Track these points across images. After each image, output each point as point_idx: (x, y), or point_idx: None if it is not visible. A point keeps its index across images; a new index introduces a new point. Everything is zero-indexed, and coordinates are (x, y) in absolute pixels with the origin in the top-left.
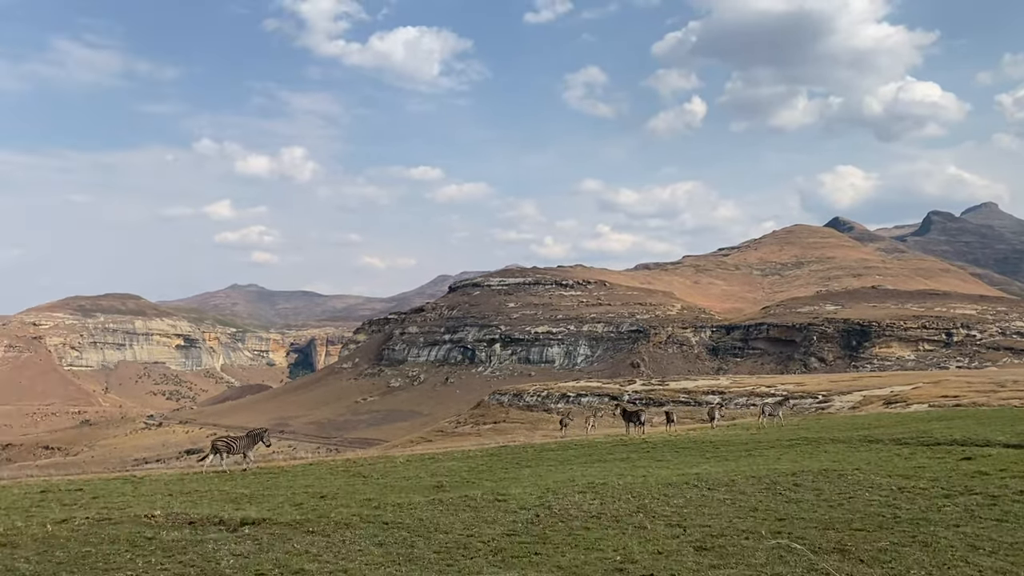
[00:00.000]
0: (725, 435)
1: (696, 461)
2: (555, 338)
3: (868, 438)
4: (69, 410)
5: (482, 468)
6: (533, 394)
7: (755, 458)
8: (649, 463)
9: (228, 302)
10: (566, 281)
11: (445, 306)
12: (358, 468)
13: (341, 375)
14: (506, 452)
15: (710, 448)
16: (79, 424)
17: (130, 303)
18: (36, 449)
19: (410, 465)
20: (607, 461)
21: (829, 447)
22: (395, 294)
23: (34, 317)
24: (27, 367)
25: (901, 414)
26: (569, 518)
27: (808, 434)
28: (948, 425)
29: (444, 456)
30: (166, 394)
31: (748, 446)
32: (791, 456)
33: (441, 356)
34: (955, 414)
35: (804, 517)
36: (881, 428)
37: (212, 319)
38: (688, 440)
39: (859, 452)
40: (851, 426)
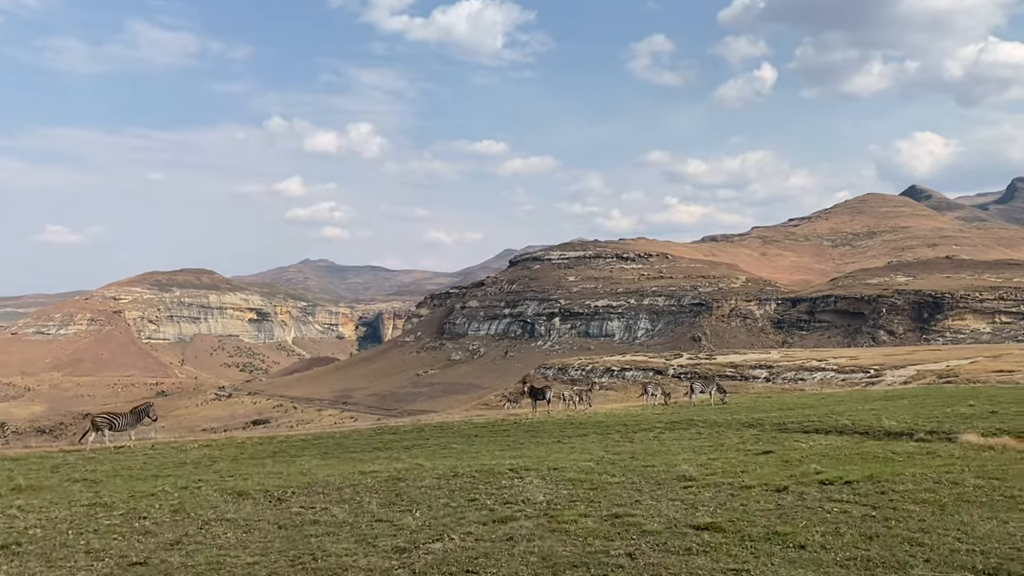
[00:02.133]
0: (635, 414)
1: (458, 451)
2: (615, 312)
3: (766, 422)
4: (147, 381)
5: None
6: (578, 368)
7: (543, 447)
8: (422, 454)
9: (300, 277)
10: (627, 254)
11: (505, 280)
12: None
13: (404, 348)
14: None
15: (571, 429)
16: (155, 395)
17: (204, 278)
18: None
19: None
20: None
21: (667, 435)
22: (461, 268)
23: (114, 292)
24: (108, 340)
25: (868, 392)
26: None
27: (716, 416)
28: (898, 406)
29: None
30: (239, 366)
31: (599, 428)
32: (590, 443)
33: (501, 330)
34: (938, 392)
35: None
36: (810, 409)
37: (284, 293)
38: (579, 420)
39: (682, 440)
40: (784, 406)
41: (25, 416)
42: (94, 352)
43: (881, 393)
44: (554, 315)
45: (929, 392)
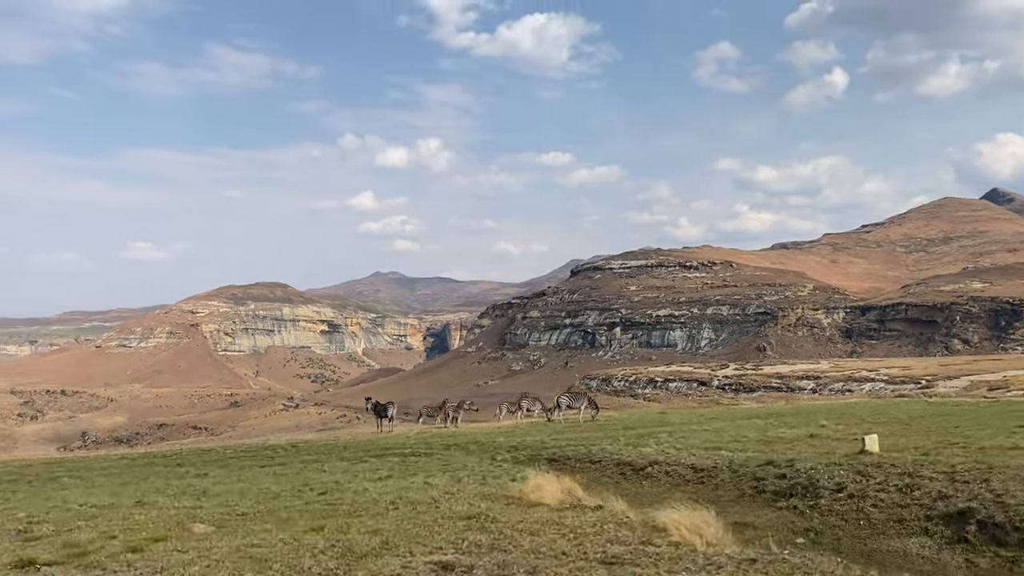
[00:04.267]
0: (446, 432)
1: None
2: (677, 321)
3: (523, 447)
4: (222, 392)
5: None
6: (621, 379)
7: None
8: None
9: (371, 289)
10: (690, 263)
11: (566, 290)
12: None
13: (466, 359)
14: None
15: (392, 451)
16: (228, 406)
17: (278, 291)
18: (186, 428)
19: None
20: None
21: (361, 465)
22: (528, 279)
23: (192, 305)
24: (186, 352)
25: (801, 406)
26: None
27: (505, 438)
28: (752, 425)
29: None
30: (311, 377)
31: (405, 448)
32: (311, 472)
33: (562, 340)
34: (891, 408)
35: None
36: (643, 428)
37: (354, 305)
38: (387, 443)
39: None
40: (645, 422)
41: (107, 426)
42: (173, 364)
43: (791, 409)
44: (615, 325)
45: (851, 409)
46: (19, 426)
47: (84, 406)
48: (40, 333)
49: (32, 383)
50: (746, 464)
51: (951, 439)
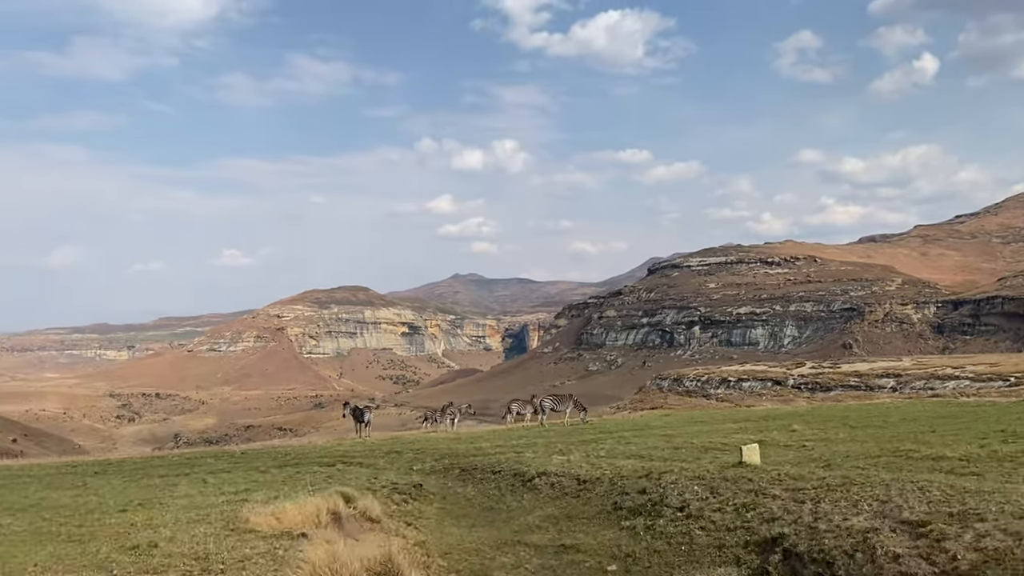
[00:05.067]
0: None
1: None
2: (759, 319)
3: (405, 452)
4: (307, 394)
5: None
6: (693, 379)
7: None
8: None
9: (450, 291)
10: (772, 258)
11: (643, 289)
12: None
13: (542, 359)
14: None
15: (326, 459)
16: (312, 407)
17: (360, 294)
18: (272, 429)
19: None
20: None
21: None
22: (606, 278)
23: (278, 310)
24: (272, 355)
25: (806, 409)
26: None
27: (426, 445)
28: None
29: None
30: (393, 378)
31: (364, 454)
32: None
33: (639, 339)
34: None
35: None
36: (607, 436)
37: (433, 307)
38: (393, 442)
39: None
40: (624, 426)
41: (198, 428)
42: (260, 367)
43: (761, 413)
44: (694, 323)
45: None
46: (118, 428)
47: (177, 408)
48: (137, 339)
49: (130, 386)
50: (627, 477)
51: (906, 447)
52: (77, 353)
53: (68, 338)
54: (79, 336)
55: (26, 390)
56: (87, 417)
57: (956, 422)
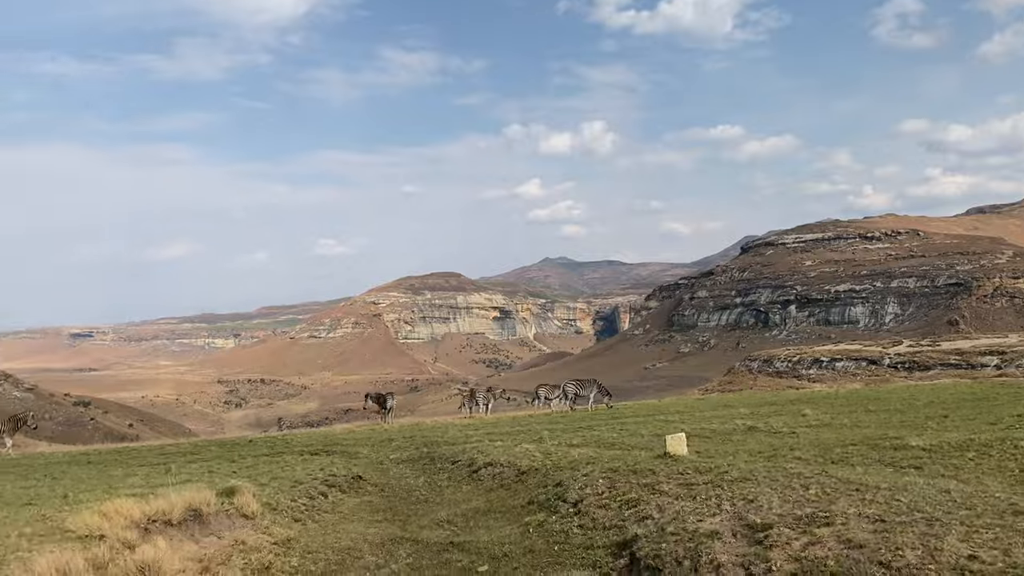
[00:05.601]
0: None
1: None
2: (858, 296)
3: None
4: (404, 378)
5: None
6: (784, 360)
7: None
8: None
9: (541, 275)
10: (872, 233)
11: (736, 268)
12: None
13: (632, 341)
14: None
15: (329, 446)
16: (409, 391)
17: (452, 280)
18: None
19: None
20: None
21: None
22: (699, 258)
23: (374, 297)
24: (370, 341)
25: (795, 395)
26: None
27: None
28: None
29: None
30: (485, 362)
31: (336, 443)
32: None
33: (732, 320)
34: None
35: None
36: (613, 422)
37: (524, 291)
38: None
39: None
40: (651, 411)
41: (300, 412)
42: (358, 352)
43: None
44: (789, 303)
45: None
46: (226, 412)
47: (280, 393)
48: (242, 327)
49: (236, 373)
50: (562, 468)
51: (893, 434)
52: (187, 342)
53: (179, 328)
54: (189, 326)
55: (142, 377)
56: (197, 403)
57: (983, 405)
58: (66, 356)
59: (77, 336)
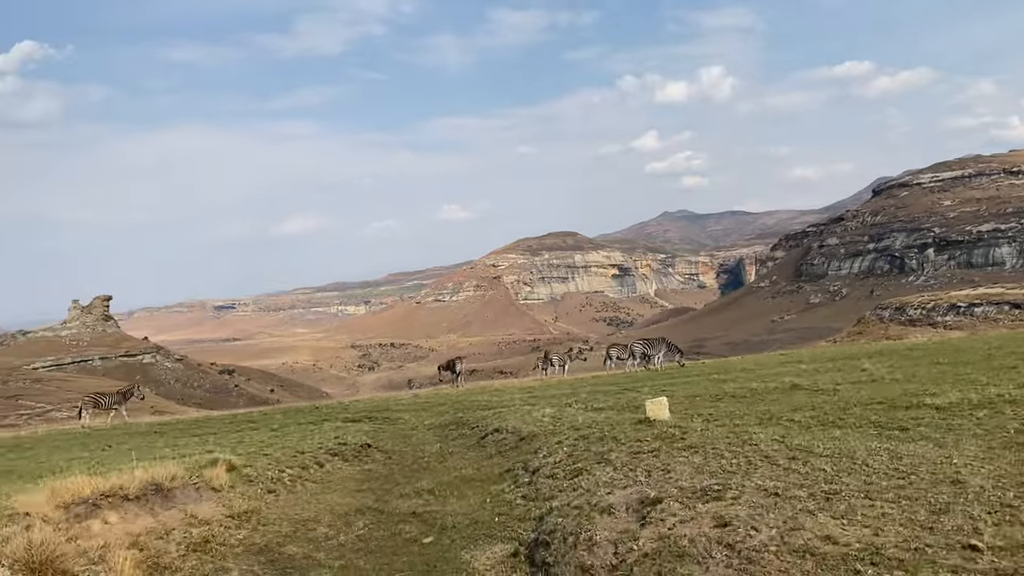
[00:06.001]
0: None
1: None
2: (1004, 236)
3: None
4: (526, 339)
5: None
6: (917, 306)
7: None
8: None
9: (660, 230)
10: (1018, 167)
11: (868, 212)
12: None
13: (758, 294)
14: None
15: (371, 413)
16: (530, 351)
17: (569, 240)
18: (493, 373)
19: None
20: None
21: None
22: (830, 203)
23: (493, 259)
24: (491, 303)
25: (923, 344)
26: None
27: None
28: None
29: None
30: (606, 320)
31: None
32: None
33: (865, 267)
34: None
35: None
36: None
37: (643, 247)
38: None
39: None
40: (717, 369)
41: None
42: (481, 314)
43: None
44: (927, 246)
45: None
46: (360, 376)
47: (409, 356)
48: (372, 294)
49: (367, 338)
50: (551, 434)
51: (934, 390)
52: (321, 310)
53: (313, 297)
54: (322, 295)
55: (281, 345)
56: (333, 367)
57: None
58: (212, 327)
59: (221, 308)
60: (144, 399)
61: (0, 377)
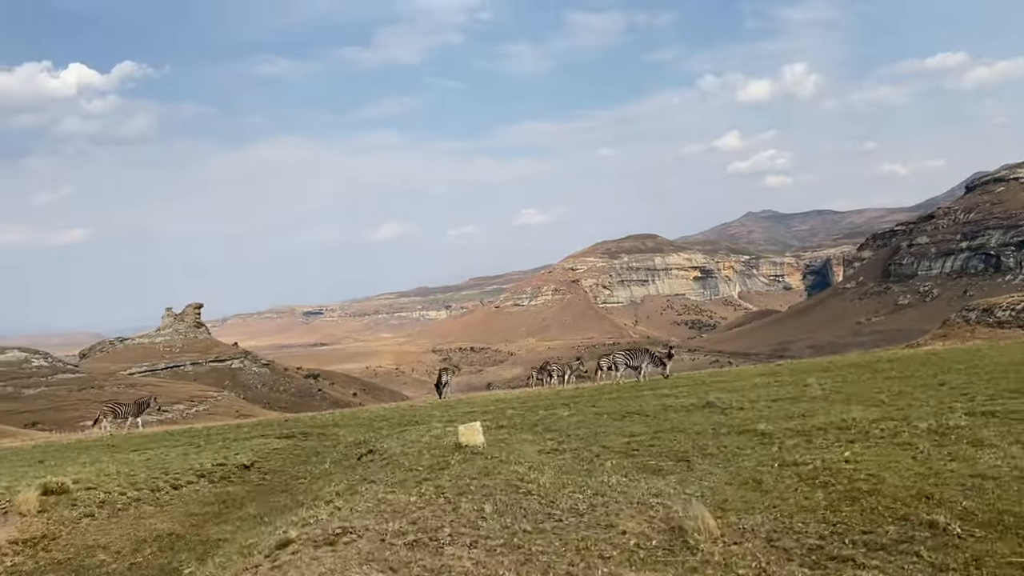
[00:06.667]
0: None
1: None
2: None
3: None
4: (605, 342)
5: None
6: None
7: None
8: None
9: (743, 231)
10: None
11: (960, 209)
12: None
13: (844, 295)
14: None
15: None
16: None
17: (649, 242)
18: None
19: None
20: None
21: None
22: (922, 200)
23: (571, 263)
24: (569, 307)
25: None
26: None
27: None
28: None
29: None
30: (688, 323)
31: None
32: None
33: (957, 267)
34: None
35: None
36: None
37: (725, 249)
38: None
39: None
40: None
41: (507, 377)
42: (559, 318)
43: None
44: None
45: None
46: None
47: (489, 360)
48: (453, 298)
49: (448, 342)
50: (431, 447)
51: (792, 411)
52: (404, 315)
53: (396, 302)
54: (405, 300)
55: (365, 350)
56: (415, 371)
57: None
58: (300, 333)
59: (309, 314)
60: (160, 409)
61: (97, 382)
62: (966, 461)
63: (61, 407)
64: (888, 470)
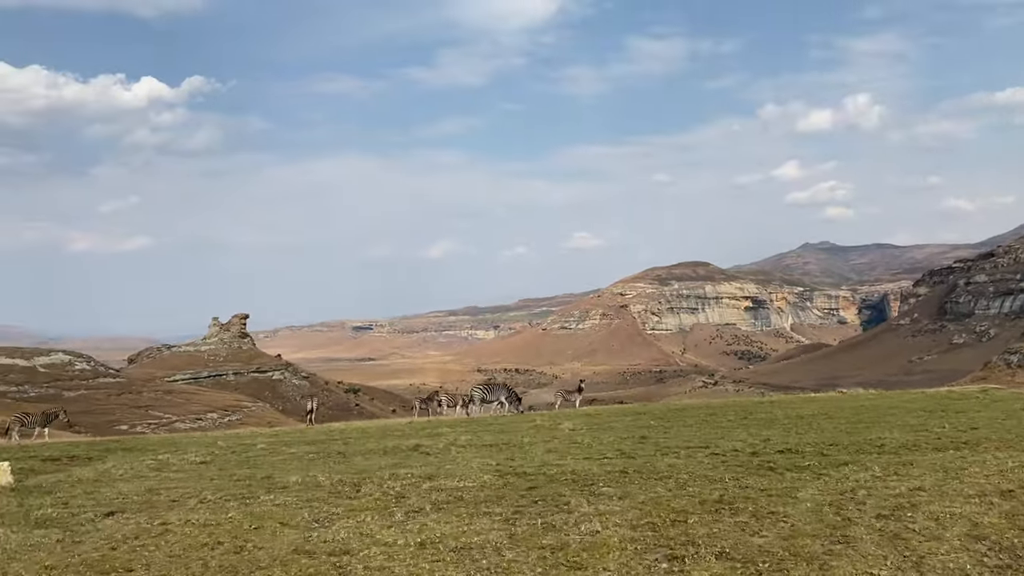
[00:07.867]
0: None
1: None
2: None
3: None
4: (651, 369)
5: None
6: None
7: None
8: None
9: (799, 262)
10: None
11: (1022, 248)
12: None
13: (897, 332)
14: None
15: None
16: (654, 382)
17: (700, 270)
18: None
19: None
20: None
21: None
22: (987, 237)
23: (621, 288)
24: (617, 332)
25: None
26: None
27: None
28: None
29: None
30: (737, 354)
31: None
32: None
33: (1017, 307)
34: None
35: None
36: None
37: (779, 280)
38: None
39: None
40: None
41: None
42: (606, 343)
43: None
44: None
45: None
46: None
47: (533, 382)
48: (501, 319)
49: (494, 362)
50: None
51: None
52: (452, 333)
53: (445, 320)
54: (454, 318)
55: (411, 367)
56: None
57: (828, 423)
58: (349, 347)
59: (358, 329)
60: (69, 422)
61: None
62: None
63: (96, 411)
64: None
